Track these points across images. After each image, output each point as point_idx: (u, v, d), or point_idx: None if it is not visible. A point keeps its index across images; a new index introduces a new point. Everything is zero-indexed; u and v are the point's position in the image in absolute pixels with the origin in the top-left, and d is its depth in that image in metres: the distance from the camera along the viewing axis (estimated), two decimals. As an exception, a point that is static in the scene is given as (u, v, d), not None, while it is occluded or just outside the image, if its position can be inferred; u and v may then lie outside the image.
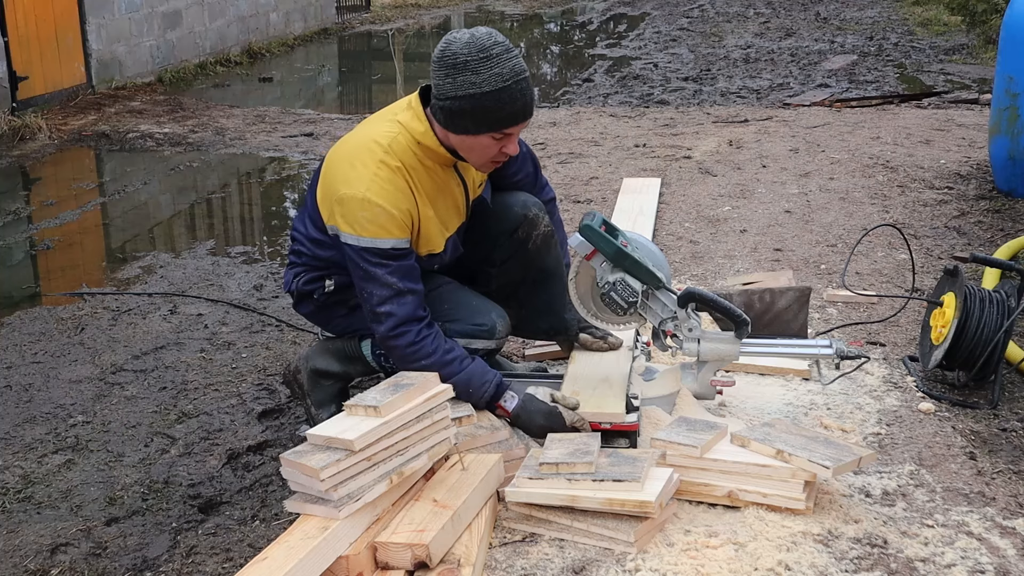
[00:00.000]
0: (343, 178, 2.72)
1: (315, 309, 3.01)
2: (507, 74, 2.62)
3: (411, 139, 2.75)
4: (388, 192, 2.69)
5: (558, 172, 6.26)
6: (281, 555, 2.11)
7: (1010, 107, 5.23)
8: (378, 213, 2.67)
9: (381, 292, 2.70)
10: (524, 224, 3.06)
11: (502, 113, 2.65)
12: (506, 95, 2.63)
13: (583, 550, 2.37)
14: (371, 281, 2.70)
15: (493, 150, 2.74)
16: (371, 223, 2.67)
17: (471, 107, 2.63)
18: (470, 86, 2.61)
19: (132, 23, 9.93)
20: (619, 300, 2.83)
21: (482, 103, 2.62)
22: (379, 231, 2.68)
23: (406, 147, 2.75)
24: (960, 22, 12.01)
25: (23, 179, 6.82)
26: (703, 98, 9.04)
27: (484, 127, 2.67)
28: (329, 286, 2.92)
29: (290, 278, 3.01)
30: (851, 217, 5.12)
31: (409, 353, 2.71)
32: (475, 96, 2.62)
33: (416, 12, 17.58)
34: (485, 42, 2.63)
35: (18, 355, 3.82)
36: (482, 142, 2.71)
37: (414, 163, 2.75)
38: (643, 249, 2.93)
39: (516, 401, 2.75)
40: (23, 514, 2.76)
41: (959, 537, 2.42)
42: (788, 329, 3.30)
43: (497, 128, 2.68)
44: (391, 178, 2.70)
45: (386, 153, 2.72)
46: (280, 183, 6.68)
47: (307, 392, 3.04)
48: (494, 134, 2.69)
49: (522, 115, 2.69)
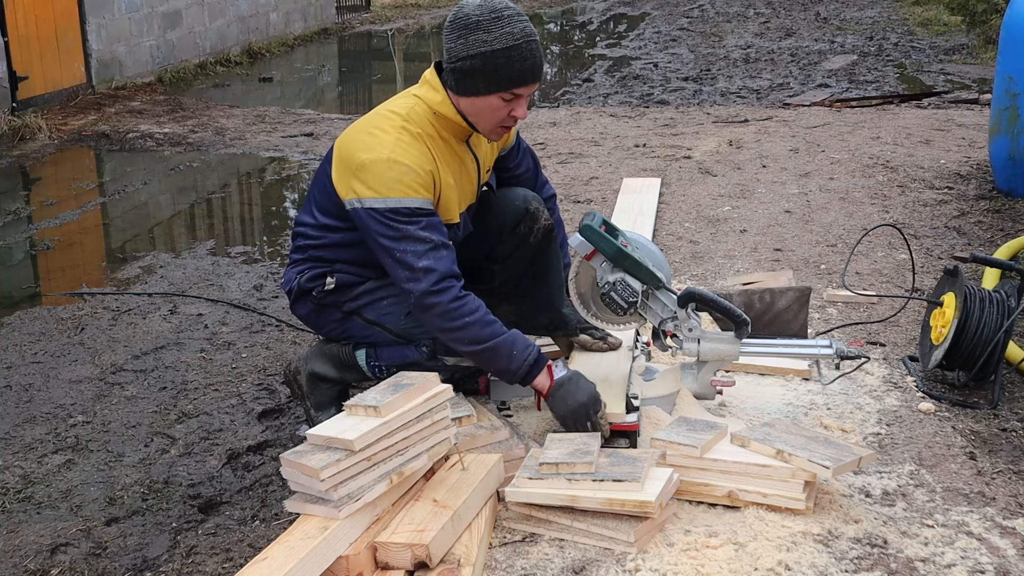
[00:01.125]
0: (363, 146, 2.71)
1: (312, 309, 2.98)
2: (518, 33, 2.66)
3: (428, 110, 2.77)
4: (413, 154, 2.69)
5: (558, 172, 6.26)
6: (281, 555, 2.11)
7: (1010, 107, 5.23)
8: (405, 171, 2.66)
9: (417, 247, 2.65)
10: (525, 218, 3.06)
11: (512, 72, 2.67)
12: (516, 53, 2.66)
13: (583, 550, 2.37)
14: (404, 240, 2.65)
15: (502, 112, 2.75)
16: (398, 182, 2.66)
17: (482, 65, 2.66)
18: (482, 44, 2.65)
19: (132, 23, 9.94)
20: (619, 300, 2.84)
21: (493, 61, 2.65)
22: (407, 190, 2.66)
23: (424, 117, 2.77)
24: (960, 22, 12.01)
25: (23, 179, 6.82)
26: (703, 98, 9.05)
27: (495, 86, 2.69)
28: (330, 284, 2.90)
29: (292, 276, 2.98)
30: (851, 217, 5.12)
31: (453, 308, 2.65)
32: (486, 54, 2.65)
33: (416, 12, 17.59)
34: (497, 3, 2.69)
35: (18, 355, 3.82)
36: (491, 103, 2.72)
37: (432, 133, 2.77)
38: (643, 249, 2.93)
39: (565, 371, 2.75)
40: (23, 514, 2.76)
41: (959, 537, 2.42)
42: (788, 329, 3.30)
43: (507, 87, 2.69)
44: (413, 142, 2.72)
45: (406, 121, 2.74)
46: (280, 183, 6.69)
47: (307, 394, 3.04)
48: (503, 94, 2.71)
49: (531, 75, 2.70)
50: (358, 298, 2.89)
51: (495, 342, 2.65)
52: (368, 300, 2.89)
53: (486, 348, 2.66)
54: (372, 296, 2.89)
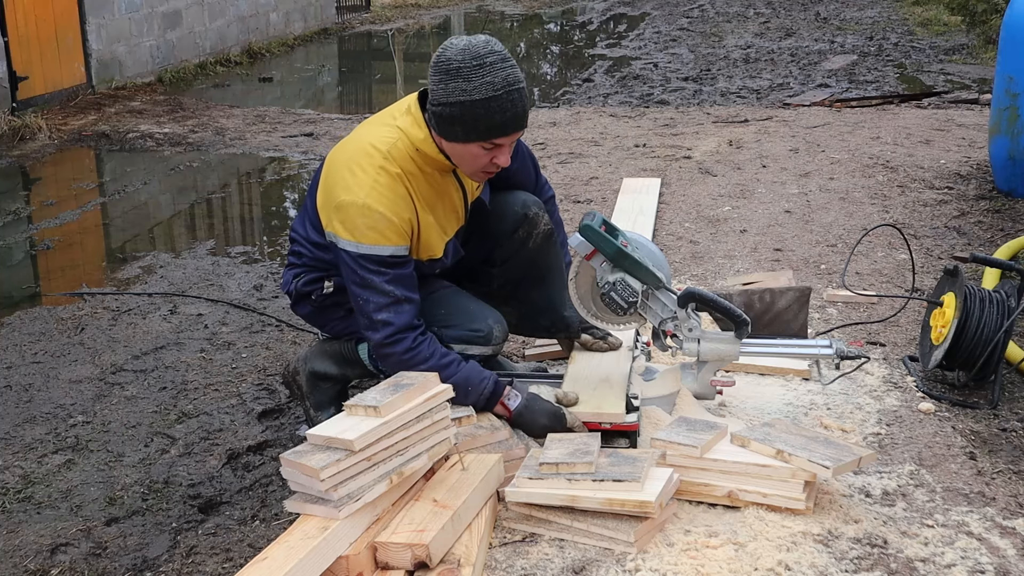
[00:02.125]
0: (343, 185, 2.70)
1: (313, 310, 3.00)
2: (499, 83, 2.59)
3: (410, 145, 2.73)
4: (388, 199, 2.67)
5: (558, 172, 6.26)
6: (281, 555, 2.11)
7: (1010, 107, 5.23)
8: (378, 220, 2.66)
9: (378, 300, 2.69)
10: (524, 224, 3.06)
11: (491, 122, 2.62)
12: (496, 104, 2.60)
13: (583, 550, 2.37)
14: (368, 289, 2.69)
15: (483, 160, 2.71)
16: (371, 230, 2.66)
17: (460, 114, 2.61)
18: (461, 93, 2.59)
19: (132, 23, 9.94)
20: (619, 300, 2.83)
21: (472, 111, 2.60)
22: (379, 238, 2.67)
23: (405, 153, 2.73)
24: (960, 22, 12.01)
25: (23, 179, 6.82)
26: (703, 98, 9.04)
27: (473, 135, 2.64)
28: (328, 287, 2.91)
29: (289, 278, 3.00)
30: (851, 217, 5.12)
31: (406, 359, 2.70)
32: (464, 104, 2.59)
33: (416, 12, 17.58)
34: (480, 50, 2.61)
35: (18, 355, 3.82)
36: (471, 151, 2.69)
37: (413, 169, 2.74)
38: (643, 249, 2.93)
39: (520, 400, 2.74)
40: (23, 514, 2.76)
41: (959, 537, 2.42)
42: (788, 329, 3.30)
43: (486, 137, 2.65)
44: (391, 185, 2.69)
45: (385, 159, 2.70)
46: (280, 183, 6.69)
47: (306, 394, 3.04)
48: (483, 143, 2.66)
49: (512, 126, 2.65)
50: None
51: (449, 383, 2.63)
52: None
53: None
54: None
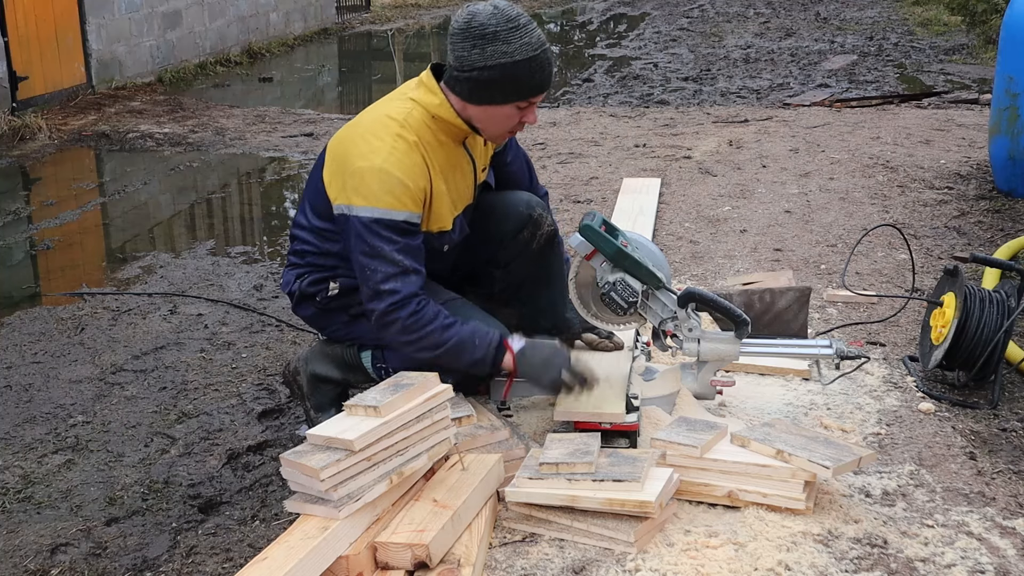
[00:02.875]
0: (358, 152, 2.71)
1: (316, 312, 2.97)
2: (535, 43, 2.67)
3: (425, 114, 2.76)
4: (405, 165, 2.69)
5: (558, 172, 6.26)
6: (281, 555, 2.11)
7: (1010, 107, 5.23)
8: (395, 184, 2.66)
9: (387, 269, 2.66)
10: (529, 224, 3.06)
11: (532, 82, 2.69)
12: (535, 64, 2.67)
13: (583, 550, 2.37)
14: (377, 258, 2.66)
15: (514, 120, 2.77)
16: (387, 194, 2.66)
17: (502, 76, 2.66)
18: (501, 56, 2.64)
19: (132, 23, 9.94)
20: (619, 300, 2.83)
21: (513, 72, 2.66)
22: (394, 202, 2.66)
23: (421, 122, 2.75)
24: (960, 22, 12.01)
25: (23, 179, 6.82)
26: (703, 98, 9.05)
27: (513, 96, 2.70)
28: (333, 289, 2.88)
29: (291, 279, 2.96)
30: (851, 217, 5.12)
31: (411, 324, 2.67)
32: (506, 66, 2.65)
33: (416, 12, 17.58)
34: (510, 12, 2.68)
35: (18, 355, 3.82)
36: (505, 112, 2.74)
37: (429, 138, 2.76)
38: (643, 249, 2.93)
39: (523, 342, 2.76)
40: (23, 514, 2.76)
41: (959, 537, 2.42)
42: (788, 329, 3.30)
43: (525, 97, 2.71)
44: (408, 151, 2.71)
45: (402, 127, 2.72)
46: (280, 183, 6.69)
47: (307, 395, 3.03)
48: (520, 103, 2.72)
49: (548, 84, 2.74)
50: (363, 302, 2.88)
51: (456, 339, 2.66)
52: None
53: (449, 347, 2.68)
54: None
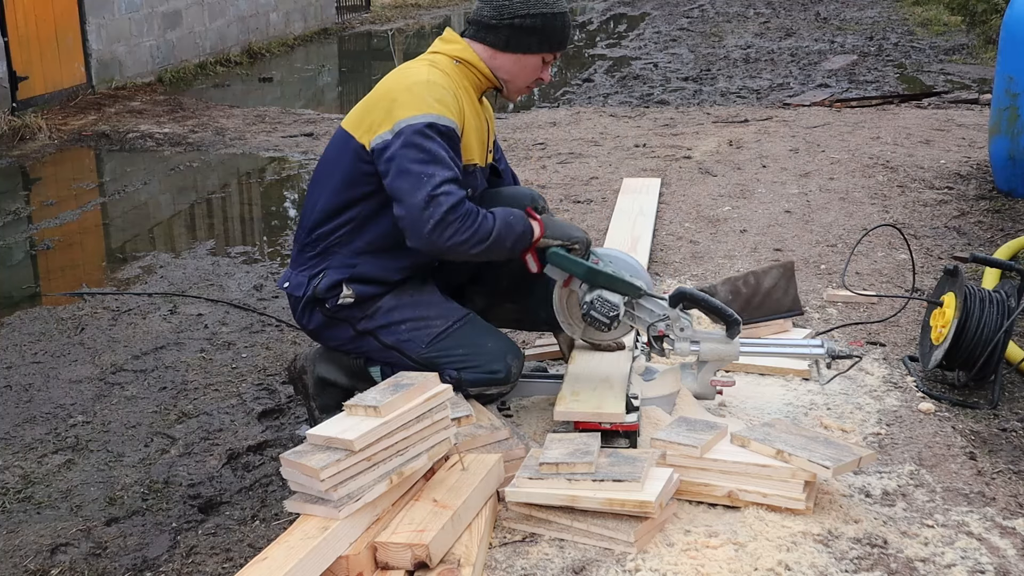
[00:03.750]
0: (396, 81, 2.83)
1: (323, 321, 2.90)
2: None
3: (449, 60, 2.90)
4: (445, 83, 2.82)
5: (558, 172, 6.26)
6: (281, 555, 2.11)
7: (1010, 107, 5.23)
8: (444, 94, 2.77)
9: (444, 173, 2.67)
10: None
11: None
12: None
13: (583, 550, 2.37)
14: (435, 163, 2.67)
15: (538, 72, 2.95)
16: (439, 102, 2.75)
17: (542, 24, 2.88)
18: (543, 5, 2.87)
19: (132, 23, 9.94)
20: (600, 317, 2.81)
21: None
22: (446, 111, 2.75)
23: (448, 65, 2.90)
24: (960, 22, 12.01)
25: (23, 179, 6.82)
26: (703, 98, 9.05)
27: (546, 46, 2.91)
28: (347, 297, 2.83)
29: (303, 280, 2.89)
30: (851, 217, 5.12)
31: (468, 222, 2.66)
32: (547, 16, 2.87)
33: (416, 12, 17.58)
34: None
35: (18, 355, 3.82)
36: (533, 62, 2.92)
37: (457, 79, 2.89)
38: (617, 262, 2.92)
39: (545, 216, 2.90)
40: (23, 514, 2.76)
41: (959, 537, 2.42)
42: (781, 306, 3.29)
43: (555, 48, 2.92)
44: (444, 77, 2.84)
45: (432, 64, 2.88)
46: (280, 183, 6.69)
47: (312, 395, 3.02)
48: (546, 55, 2.93)
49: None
50: (374, 316, 2.86)
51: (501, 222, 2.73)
52: (385, 321, 2.86)
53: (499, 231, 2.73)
54: (389, 317, 2.86)
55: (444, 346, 2.82)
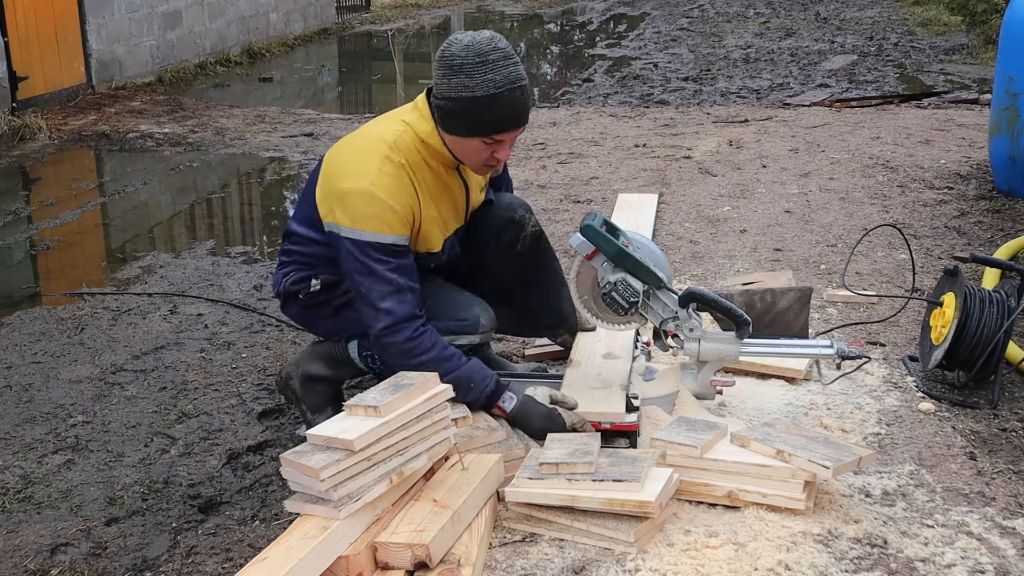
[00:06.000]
0: (346, 173, 2.72)
1: (300, 310, 3.00)
2: (500, 81, 2.62)
3: (416, 138, 2.75)
4: (392, 188, 2.69)
5: (558, 172, 6.26)
6: (281, 555, 2.11)
7: (1010, 107, 5.23)
8: (382, 208, 2.67)
9: (381, 288, 2.68)
10: (510, 227, 3.08)
11: (493, 119, 2.65)
12: (497, 102, 2.62)
13: (583, 550, 2.37)
14: (371, 276, 2.68)
15: (484, 154, 2.74)
16: (374, 218, 2.66)
17: (462, 110, 2.64)
18: (463, 89, 2.62)
19: (132, 23, 9.93)
20: (620, 300, 2.84)
21: (473, 107, 2.63)
22: (381, 226, 2.67)
23: (411, 145, 2.75)
24: (960, 22, 12.01)
25: (23, 179, 6.82)
26: (703, 98, 9.04)
27: (474, 131, 2.68)
28: (315, 285, 2.89)
29: (279, 278, 3.00)
30: (851, 217, 5.12)
31: (407, 349, 2.68)
32: (466, 100, 2.63)
33: (416, 12, 17.58)
34: (484, 47, 2.63)
35: (18, 355, 3.82)
36: (472, 145, 2.72)
37: (418, 161, 2.76)
38: (644, 249, 2.93)
39: (514, 402, 2.73)
40: (23, 514, 2.76)
41: (959, 537, 2.42)
42: (789, 329, 3.30)
43: (486, 133, 2.68)
44: (395, 174, 2.70)
45: (391, 149, 2.72)
46: (280, 183, 6.68)
47: (301, 398, 3.03)
48: (484, 139, 2.69)
49: (512, 123, 2.68)
50: (346, 293, 2.88)
51: (452, 376, 2.64)
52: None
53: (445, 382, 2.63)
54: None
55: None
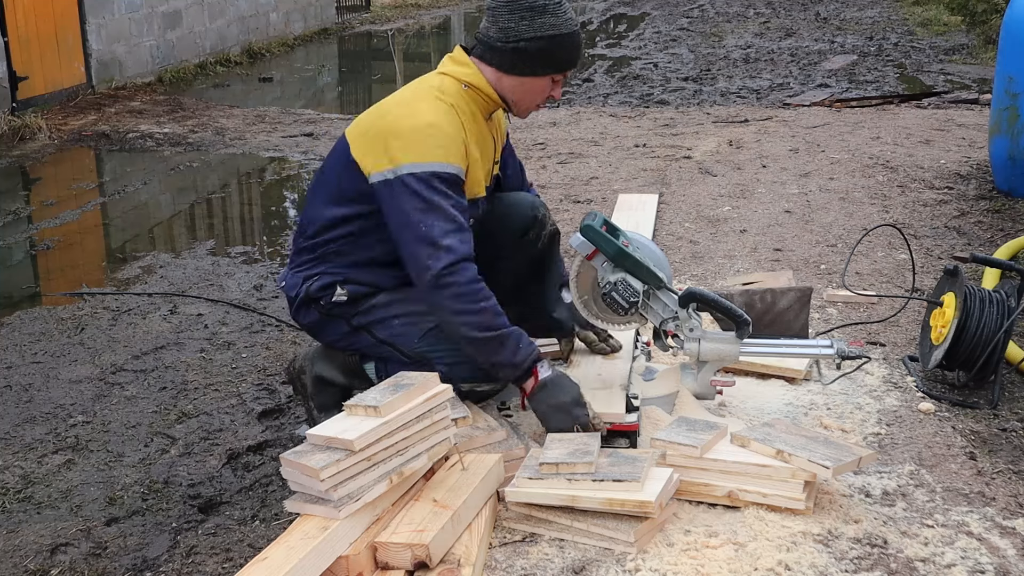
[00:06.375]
0: (400, 115, 2.75)
1: (318, 318, 2.91)
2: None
3: (457, 84, 2.83)
4: (451, 121, 2.75)
5: (558, 172, 6.26)
6: (281, 555, 2.11)
7: (1010, 107, 5.23)
8: (445, 139, 2.70)
9: (444, 225, 2.64)
10: (535, 225, 3.08)
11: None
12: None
13: (583, 550, 2.37)
14: (433, 212, 2.64)
15: (546, 93, 2.89)
16: (439, 147, 2.68)
17: (549, 47, 2.79)
18: (550, 27, 2.78)
19: (132, 23, 9.93)
20: (620, 300, 2.84)
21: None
22: (447, 156, 2.69)
23: (455, 91, 2.82)
24: (960, 22, 12.01)
25: (23, 179, 6.82)
26: (703, 98, 9.04)
27: (552, 67, 2.83)
28: (340, 295, 2.84)
29: (296, 281, 2.90)
30: (851, 217, 5.12)
31: (471, 291, 2.63)
32: (554, 37, 2.78)
33: (416, 12, 17.58)
34: None
35: (18, 355, 3.82)
36: (540, 84, 2.85)
37: (463, 105, 2.83)
38: (644, 249, 2.93)
39: (551, 371, 2.73)
40: (23, 514, 2.76)
41: (959, 537, 2.42)
42: (789, 329, 3.30)
43: (563, 68, 2.86)
44: (449, 112, 2.77)
45: (440, 91, 2.80)
46: (280, 183, 6.68)
47: (311, 395, 3.02)
48: (555, 76, 2.86)
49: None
50: (369, 312, 2.85)
51: (506, 331, 2.65)
52: (380, 316, 2.85)
53: (496, 336, 2.64)
54: (384, 312, 2.85)
55: (435, 341, 2.80)
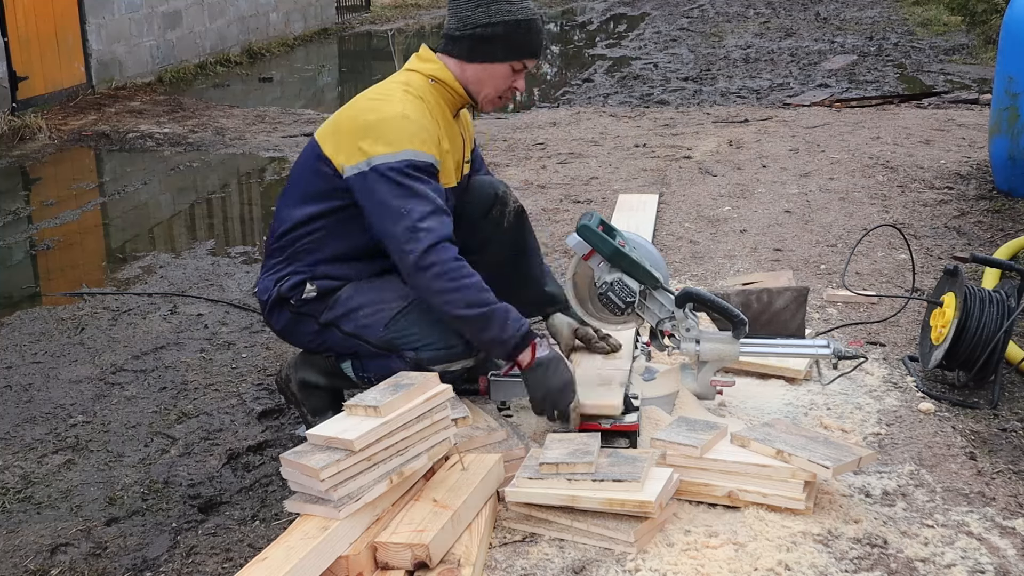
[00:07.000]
0: (371, 109, 2.78)
1: (289, 319, 2.90)
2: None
3: (424, 79, 2.87)
4: (421, 112, 2.78)
5: (558, 172, 6.26)
6: (281, 555, 2.11)
7: (1010, 107, 5.23)
8: (417, 128, 2.73)
9: (423, 207, 2.65)
10: (496, 203, 3.09)
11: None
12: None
13: (583, 550, 2.37)
14: (413, 198, 2.66)
15: (507, 82, 2.90)
16: (413, 137, 2.71)
17: (504, 32, 2.83)
18: (506, 13, 2.83)
19: (132, 23, 9.94)
20: (617, 300, 2.84)
21: (516, 29, 2.83)
22: (421, 145, 2.72)
23: (422, 85, 2.86)
24: (960, 22, 12.01)
25: (23, 179, 6.82)
26: (703, 98, 9.04)
27: (512, 54, 2.85)
28: (310, 291, 2.84)
29: (269, 283, 2.90)
30: (851, 217, 5.12)
31: (453, 269, 2.64)
32: (509, 23, 2.82)
33: (416, 12, 17.58)
34: None
35: (18, 355, 3.82)
36: (501, 71, 2.87)
37: (431, 100, 2.86)
38: (641, 249, 2.93)
39: (549, 351, 2.73)
40: (23, 514, 2.76)
41: (959, 537, 2.42)
42: (786, 329, 3.30)
43: (521, 56, 2.87)
44: (417, 104, 2.80)
45: (407, 86, 2.84)
46: (280, 183, 6.68)
47: (301, 401, 3.00)
48: (514, 64, 2.87)
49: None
50: (334, 307, 2.84)
51: (493, 307, 2.65)
52: (344, 310, 2.83)
53: (483, 313, 2.64)
54: (347, 305, 2.83)
55: (401, 326, 2.78)
